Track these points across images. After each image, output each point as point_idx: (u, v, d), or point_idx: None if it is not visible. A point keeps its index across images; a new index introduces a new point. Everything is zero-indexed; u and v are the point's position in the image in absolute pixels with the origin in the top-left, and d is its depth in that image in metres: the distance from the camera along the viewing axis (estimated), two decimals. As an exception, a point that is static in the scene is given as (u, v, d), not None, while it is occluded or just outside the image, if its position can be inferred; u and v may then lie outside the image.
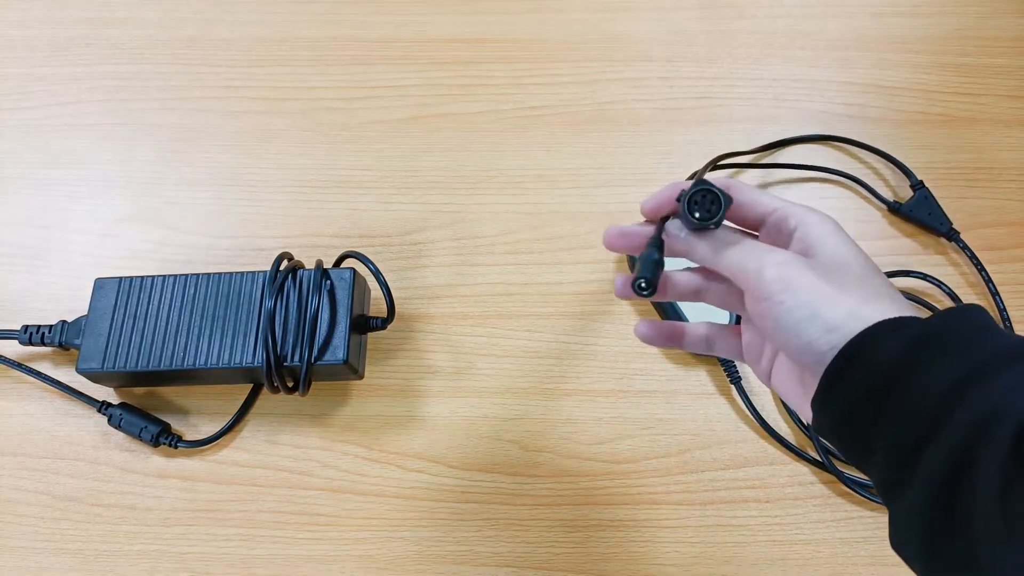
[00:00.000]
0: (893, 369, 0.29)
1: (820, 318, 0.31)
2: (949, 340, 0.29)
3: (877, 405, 0.29)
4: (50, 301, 0.56)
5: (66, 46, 0.66)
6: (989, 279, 0.55)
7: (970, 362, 0.28)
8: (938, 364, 0.28)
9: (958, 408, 0.27)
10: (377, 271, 0.51)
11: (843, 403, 0.31)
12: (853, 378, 0.30)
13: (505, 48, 0.65)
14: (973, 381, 0.28)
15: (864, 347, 0.30)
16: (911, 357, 0.29)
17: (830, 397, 0.31)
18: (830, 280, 0.32)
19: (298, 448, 0.52)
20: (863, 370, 0.30)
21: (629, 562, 0.49)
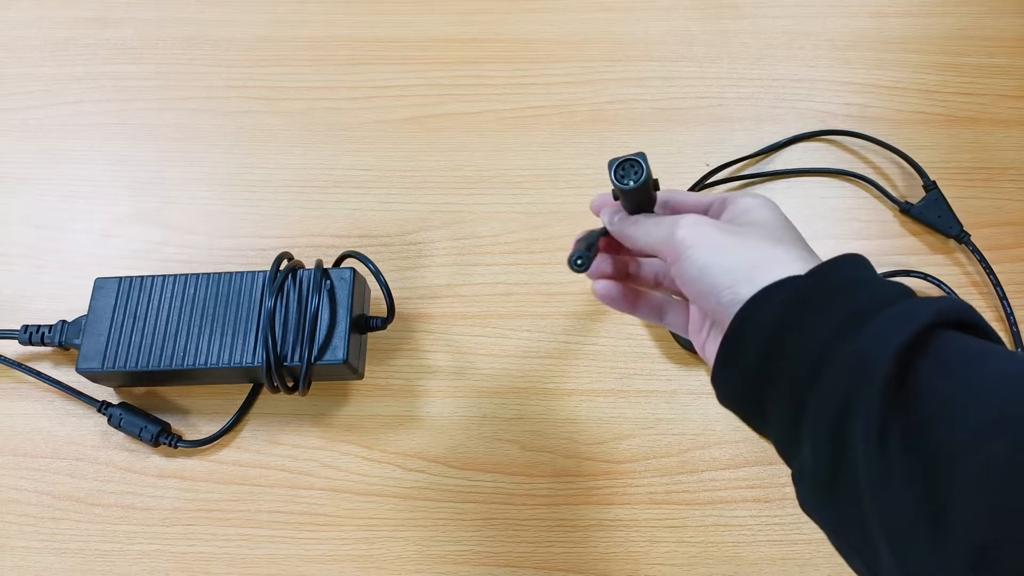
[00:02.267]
0: (772, 335, 0.30)
1: (720, 264, 0.32)
2: (820, 299, 0.30)
3: (763, 371, 0.31)
4: (50, 301, 0.57)
5: (66, 46, 0.66)
6: (997, 282, 0.55)
7: (839, 318, 0.29)
8: (810, 325, 0.29)
9: (830, 364, 0.28)
10: (377, 271, 0.51)
11: (735, 372, 0.32)
12: (741, 347, 0.31)
13: (505, 48, 0.65)
14: (843, 336, 0.28)
15: (751, 315, 0.31)
16: (787, 320, 0.30)
17: (725, 367, 0.32)
18: (735, 233, 0.34)
19: (298, 448, 0.52)
20: (749, 339, 0.31)
21: (629, 562, 0.49)
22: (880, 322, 0.28)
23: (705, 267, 0.33)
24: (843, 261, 0.32)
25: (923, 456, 0.25)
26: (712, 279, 0.32)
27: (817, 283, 0.30)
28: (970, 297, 0.55)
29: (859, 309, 0.29)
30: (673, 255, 0.34)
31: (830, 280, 0.30)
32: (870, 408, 0.26)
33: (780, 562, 0.49)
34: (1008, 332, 0.55)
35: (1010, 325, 0.54)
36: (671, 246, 0.34)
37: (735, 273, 0.32)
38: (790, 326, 0.30)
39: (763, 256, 0.32)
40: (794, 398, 0.30)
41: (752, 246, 0.33)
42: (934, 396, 0.26)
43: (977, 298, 0.56)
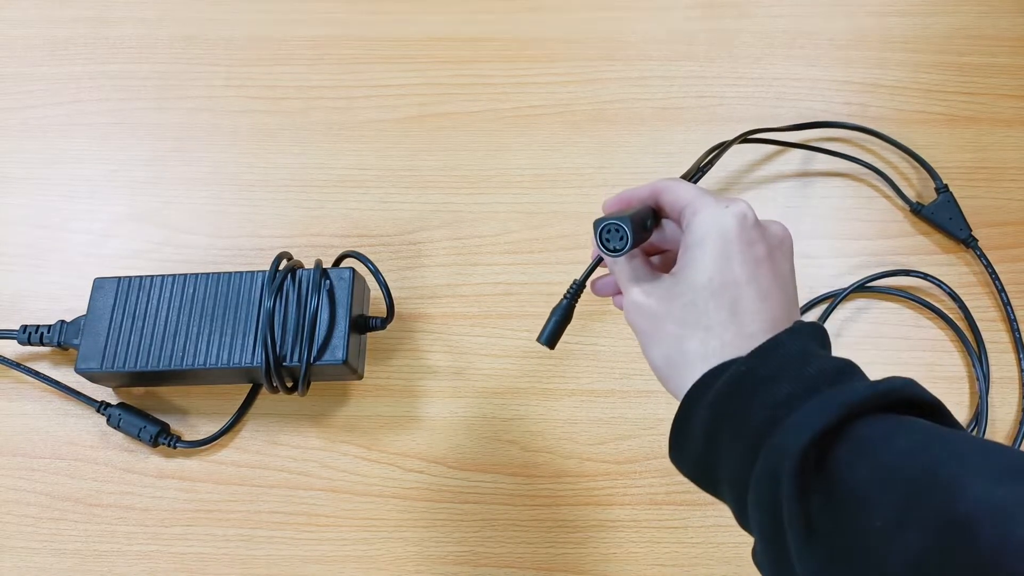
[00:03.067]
0: (706, 440, 0.31)
1: (649, 356, 0.36)
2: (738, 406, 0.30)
3: (705, 467, 0.32)
4: (49, 301, 0.56)
5: (65, 45, 0.66)
6: (1002, 288, 0.55)
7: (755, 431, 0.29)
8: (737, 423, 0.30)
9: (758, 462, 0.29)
10: (376, 271, 0.51)
11: (684, 463, 0.34)
12: (683, 449, 0.33)
13: (505, 47, 0.65)
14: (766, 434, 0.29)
15: (685, 420, 0.33)
16: (714, 427, 0.31)
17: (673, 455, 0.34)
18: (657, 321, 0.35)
19: (297, 448, 0.52)
20: (687, 443, 0.33)
21: (629, 562, 0.49)
22: (797, 415, 0.28)
23: (635, 328, 0.36)
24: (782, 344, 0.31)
25: (843, 546, 0.26)
26: (643, 343, 0.36)
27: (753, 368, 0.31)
28: (974, 299, 0.55)
29: (778, 401, 0.29)
30: None
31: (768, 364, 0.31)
32: (791, 502, 0.27)
33: (780, 562, 0.49)
34: (1010, 335, 0.55)
35: (1013, 330, 0.54)
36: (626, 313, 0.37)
37: (660, 371, 0.35)
38: (720, 427, 0.31)
39: (675, 358, 0.34)
40: (736, 492, 0.30)
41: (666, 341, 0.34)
42: (846, 485, 0.26)
43: (980, 299, 0.56)
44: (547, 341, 0.40)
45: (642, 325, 0.36)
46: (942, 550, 0.23)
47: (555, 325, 0.40)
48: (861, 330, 0.55)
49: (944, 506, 0.23)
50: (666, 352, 0.34)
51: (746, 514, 0.30)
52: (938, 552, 0.23)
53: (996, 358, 0.54)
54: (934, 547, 0.23)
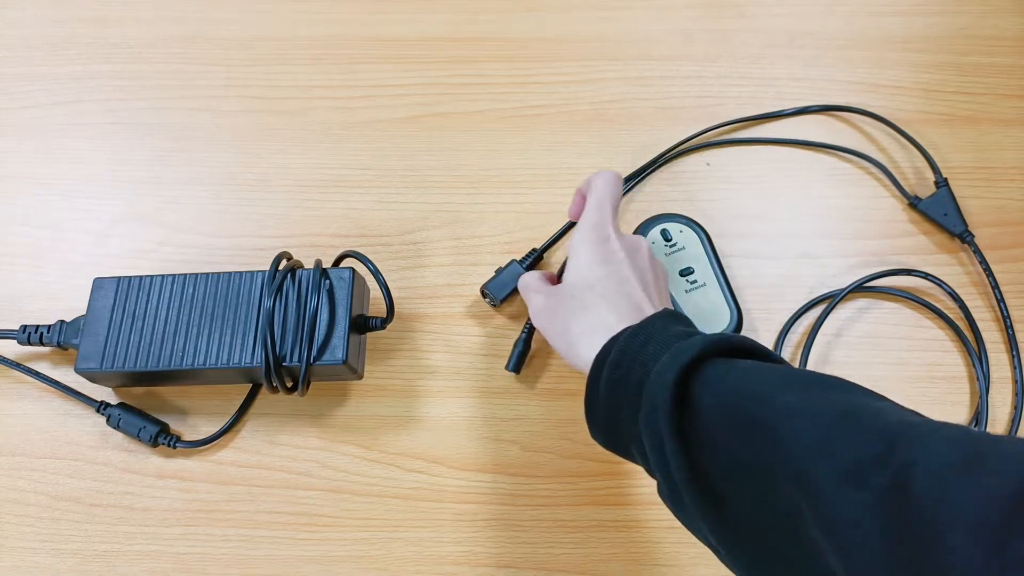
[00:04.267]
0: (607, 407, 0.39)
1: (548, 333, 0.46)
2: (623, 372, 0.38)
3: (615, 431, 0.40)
4: (48, 301, 0.56)
5: (65, 45, 0.66)
6: (996, 285, 0.55)
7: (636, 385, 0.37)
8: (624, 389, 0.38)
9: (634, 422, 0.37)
10: (376, 271, 0.51)
11: (600, 438, 0.42)
12: (595, 420, 0.41)
13: (505, 47, 0.65)
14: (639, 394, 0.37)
15: (592, 394, 0.40)
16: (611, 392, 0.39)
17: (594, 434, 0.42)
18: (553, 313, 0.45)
19: (297, 448, 0.52)
20: (597, 412, 0.40)
21: (629, 562, 0.49)
22: (661, 365, 0.36)
23: (540, 328, 0.47)
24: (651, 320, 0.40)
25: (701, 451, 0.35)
26: (548, 337, 0.46)
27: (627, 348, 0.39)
28: (970, 297, 0.55)
29: (648, 358, 0.38)
30: None
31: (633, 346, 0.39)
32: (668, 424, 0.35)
33: (781, 562, 0.49)
34: (1004, 333, 0.55)
35: (1006, 327, 0.54)
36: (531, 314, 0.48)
37: (560, 346, 0.44)
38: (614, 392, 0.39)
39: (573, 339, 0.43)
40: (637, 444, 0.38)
41: (563, 325, 0.44)
42: (700, 407, 0.35)
43: (977, 298, 0.56)
44: (514, 368, 0.53)
45: (543, 323, 0.46)
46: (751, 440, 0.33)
47: (519, 355, 0.53)
48: (861, 330, 0.55)
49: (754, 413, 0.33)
50: (561, 337, 0.44)
51: (648, 461, 0.37)
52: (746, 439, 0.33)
53: (996, 358, 0.54)
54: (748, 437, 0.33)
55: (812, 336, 0.54)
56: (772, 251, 0.58)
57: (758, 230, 0.58)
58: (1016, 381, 0.53)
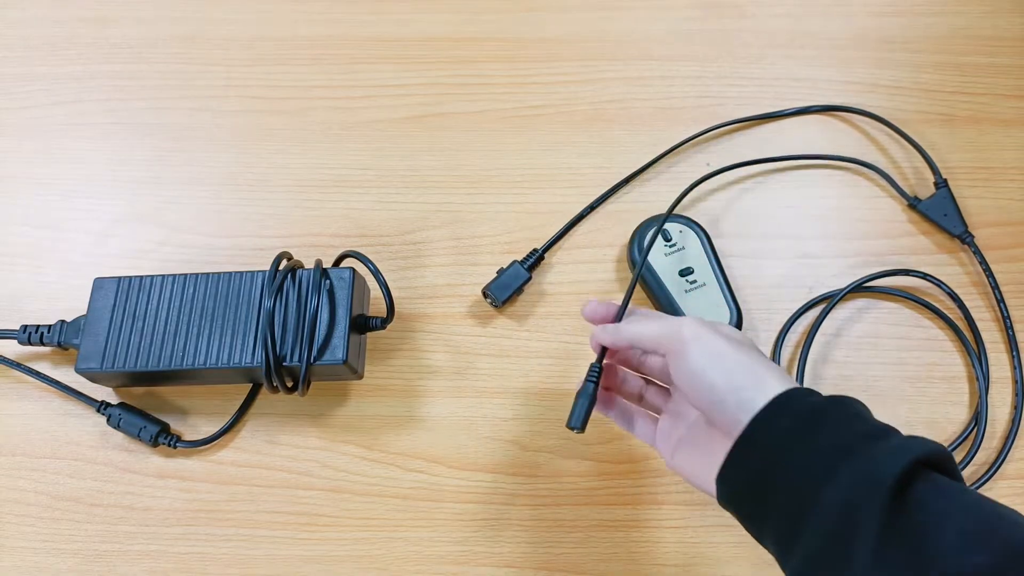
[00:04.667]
0: (776, 450, 0.34)
1: (722, 364, 0.37)
2: (823, 421, 0.34)
3: (765, 483, 0.34)
4: (49, 301, 0.56)
5: (65, 45, 0.66)
6: (996, 285, 0.55)
7: (845, 438, 0.33)
8: (812, 444, 0.33)
9: (835, 479, 0.32)
10: (376, 271, 0.51)
11: (743, 472, 0.36)
12: (747, 458, 0.35)
13: (505, 47, 0.65)
14: (849, 455, 0.32)
15: (756, 431, 0.35)
16: (791, 439, 0.34)
17: (733, 467, 0.36)
18: (729, 340, 0.38)
19: (297, 448, 0.52)
20: (754, 452, 0.35)
21: (629, 562, 0.49)
22: (888, 445, 0.33)
23: (706, 367, 0.37)
24: (847, 397, 0.36)
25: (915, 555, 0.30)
26: (714, 377, 0.36)
27: (831, 405, 0.35)
28: (970, 297, 0.55)
29: (865, 434, 0.33)
30: (676, 350, 0.38)
31: (841, 407, 0.35)
32: (870, 526, 0.30)
33: (780, 562, 0.49)
34: (1004, 334, 0.55)
35: (1006, 328, 0.54)
36: (675, 341, 0.38)
37: (735, 380, 0.36)
38: (801, 438, 0.34)
39: (760, 370, 0.36)
40: (795, 507, 0.33)
41: (749, 358, 0.37)
42: (928, 508, 0.30)
43: (977, 299, 0.56)
44: (579, 425, 0.42)
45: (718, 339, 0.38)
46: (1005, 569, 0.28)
47: (584, 408, 0.43)
48: (861, 330, 0.55)
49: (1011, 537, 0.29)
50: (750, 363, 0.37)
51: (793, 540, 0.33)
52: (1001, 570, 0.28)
53: (996, 358, 0.54)
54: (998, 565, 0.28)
55: (811, 336, 0.54)
56: (772, 251, 0.58)
57: (758, 230, 0.58)
58: (1016, 381, 0.53)
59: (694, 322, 0.39)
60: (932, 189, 0.59)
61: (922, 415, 0.53)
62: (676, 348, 0.38)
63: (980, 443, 0.51)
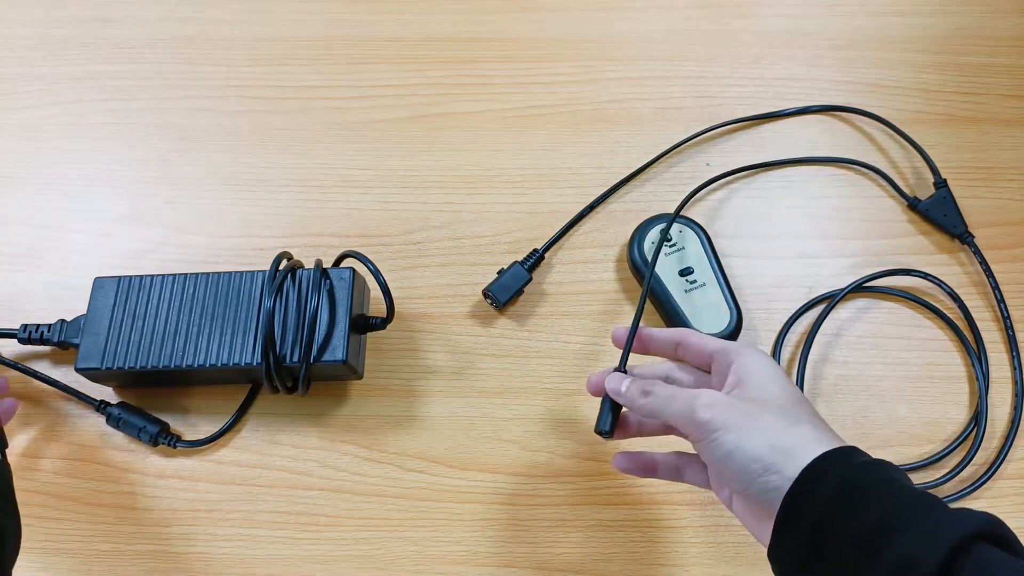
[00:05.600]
0: (823, 519, 0.33)
1: (743, 450, 0.35)
2: (865, 491, 0.33)
3: (815, 552, 0.33)
4: (49, 300, 0.56)
5: (65, 46, 0.66)
6: (996, 285, 0.55)
7: (884, 512, 0.31)
8: (858, 512, 0.32)
9: (877, 557, 0.30)
10: (376, 271, 0.51)
11: (788, 554, 0.34)
12: (787, 540, 0.34)
13: (505, 47, 0.65)
14: (888, 530, 0.31)
15: (799, 497, 0.33)
16: (836, 505, 0.32)
17: (776, 555, 0.35)
18: (752, 414, 0.36)
19: (297, 448, 0.52)
20: (798, 528, 0.33)
21: (629, 562, 0.49)
22: (927, 524, 0.30)
23: (730, 453, 0.35)
24: (882, 462, 0.34)
25: None
26: (738, 465, 0.35)
27: (860, 476, 0.33)
28: (969, 297, 0.55)
29: (903, 508, 0.31)
30: (696, 436, 0.37)
31: (872, 476, 0.33)
32: None
33: (780, 562, 0.49)
34: (1003, 333, 0.55)
35: (1006, 328, 0.54)
36: (693, 427, 0.36)
37: (761, 461, 0.34)
38: (836, 517, 0.32)
39: (785, 442, 0.35)
40: None
41: (773, 429, 0.35)
42: None
43: (976, 299, 0.56)
44: (609, 429, 0.42)
45: (736, 418, 0.36)
46: None
47: (608, 410, 0.42)
48: (860, 330, 0.55)
49: None
50: (772, 439, 0.35)
51: None
52: None
53: (996, 358, 0.54)
54: None
55: (811, 336, 0.54)
56: (772, 251, 0.58)
57: (758, 230, 0.58)
58: (1016, 381, 0.53)
59: (708, 401, 0.36)
60: (932, 189, 0.59)
61: (922, 415, 0.53)
62: (695, 434, 0.37)
63: (980, 443, 0.51)
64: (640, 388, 0.40)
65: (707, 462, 0.37)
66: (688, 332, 0.42)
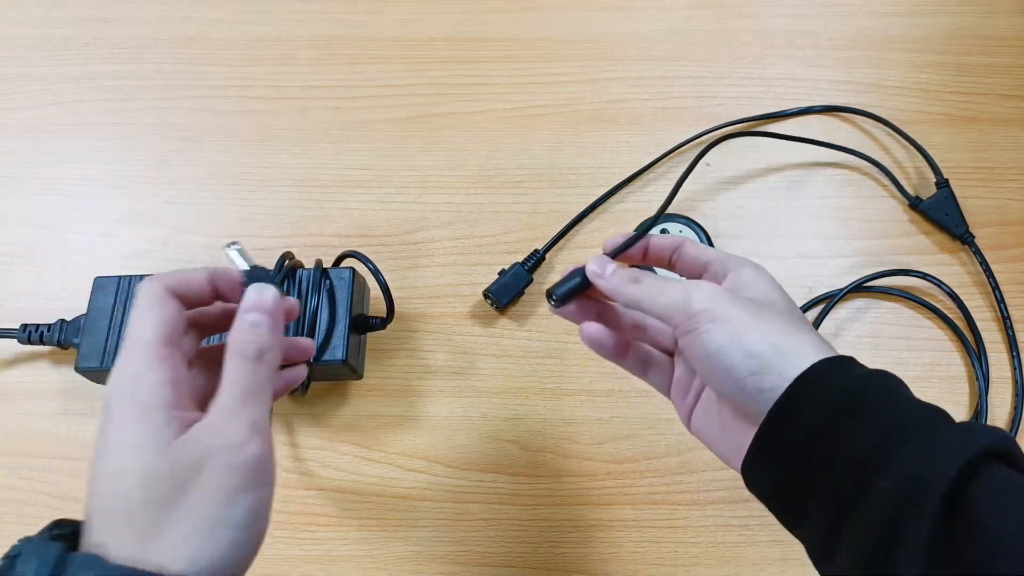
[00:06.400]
0: (816, 433, 0.30)
1: (740, 344, 0.31)
2: (868, 403, 0.30)
3: (805, 471, 0.30)
4: (49, 300, 0.56)
5: (65, 46, 0.66)
6: (996, 285, 0.55)
7: (888, 426, 0.29)
8: (858, 428, 0.29)
9: (880, 476, 0.28)
10: (376, 271, 0.51)
11: (770, 471, 0.31)
12: (778, 448, 0.31)
13: (505, 47, 0.65)
14: (891, 447, 0.28)
15: (786, 413, 0.30)
16: (831, 423, 0.29)
17: (760, 461, 0.32)
18: (752, 312, 0.32)
19: (297, 448, 0.52)
20: (790, 435, 0.30)
21: (629, 562, 0.49)
22: (935, 440, 0.28)
23: (724, 347, 0.31)
24: (885, 373, 0.31)
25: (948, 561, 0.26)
26: (731, 361, 0.31)
27: (862, 387, 0.30)
28: (970, 297, 0.55)
29: (908, 424, 0.29)
30: (687, 326, 0.33)
31: (875, 387, 0.30)
32: (918, 532, 0.26)
33: (780, 562, 0.49)
34: (1004, 334, 0.55)
35: (1006, 328, 0.54)
36: (686, 317, 0.32)
37: (757, 359, 0.31)
38: (834, 428, 0.29)
39: (785, 343, 0.31)
40: (836, 507, 0.29)
41: (771, 330, 0.32)
42: (986, 527, 0.26)
43: (977, 299, 0.56)
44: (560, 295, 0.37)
45: (735, 312, 0.32)
46: None
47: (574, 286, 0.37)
48: (861, 330, 0.55)
49: None
50: (774, 338, 0.31)
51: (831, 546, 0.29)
52: None
53: (996, 358, 0.54)
54: None
55: (812, 336, 0.54)
56: (772, 251, 0.58)
57: (758, 230, 0.58)
58: (1016, 381, 0.53)
59: (707, 291, 0.33)
60: (933, 189, 0.59)
61: None
62: (685, 325, 0.32)
63: (980, 443, 0.51)
64: (629, 275, 0.35)
65: (692, 359, 0.33)
66: (687, 239, 0.38)
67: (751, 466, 0.32)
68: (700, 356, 0.32)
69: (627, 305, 0.36)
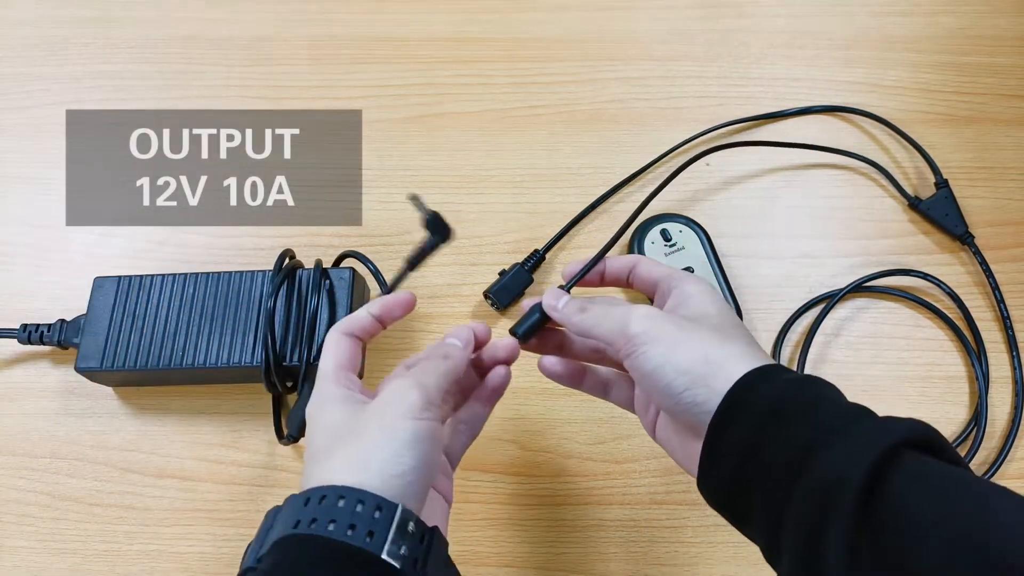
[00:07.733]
0: (750, 443, 0.32)
1: (672, 361, 0.34)
2: (793, 410, 0.31)
3: (742, 481, 0.32)
4: (49, 300, 0.56)
5: (65, 45, 0.66)
6: (996, 285, 0.55)
7: (812, 429, 0.31)
8: (782, 436, 0.31)
9: (803, 477, 0.29)
10: (376, 271, 0.51)
11: (716, 484, 0.34)
12: (718, 458, 0.33)
13: (505, 47, 0.65)
14: (813, 449, 0.30)
15: (723, 426, 0.32)
16: (761, 432, 0.31)
17: (708, 473, 0.34)
18: (684, 328, 0.35)
19: (298, 448, 0.52)
20: (726, 448, 0.32)
21: (629, 562, 0.49)
22: (852, 437, 0.29)
23: (659, 366, 0.34)
24: (811, 378, 0.33)
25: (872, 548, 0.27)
26: (666, 379, 0.34)
27: (788, 396, 0.32)
28: (970, 297, 0.55)
29: (829, 425, 0.30)
30: (627, 349, 0.35)
31: (800, 394, 0.32)
32: (840, 528, 0.27)
33: (780, 562, 0.49)
34: (1004, 334, 0.55)
35: (1006, 328, 0.54)
36: (626, 340, 0.35)
37: (689, 374, 0.33)
38: (764, 437, 0.31)
39: (716, 356, 0.33)
40: (771, 511, 0.31)
41: (703, 343, 0.34)
42: (904, 515, 0.27)
43: (977, 298, 0.56)
44: (522, 333, 0.41)
45: (668, 331, 0.35)
46: None
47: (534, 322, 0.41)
48: (860, 330, 0.55)
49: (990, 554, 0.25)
50: (702, 352, 0.34)
51: (775, 548, 0.31)
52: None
53: (996, 358, 0.54)
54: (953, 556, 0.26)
55: (811, 336, 0.54)
56: (772, 251, 0.58)
57: (758, 230, 0.58)
58: (1016, 381, 0.53)
59: (642, 313, 0.35)
60: (933, 189, 0.59)
61: (922, 415, 0.51)
62: (625, 348, 0.35)
63: (980, 443, 0.51)
64: (578, 305, 0.38)
65: (636, 379, 0.36)
66: (641, 258, 0.41)
67: (702, 477, 0.34)
68: (641, 376, 0.35)
69: (578, 333, 0.38)
